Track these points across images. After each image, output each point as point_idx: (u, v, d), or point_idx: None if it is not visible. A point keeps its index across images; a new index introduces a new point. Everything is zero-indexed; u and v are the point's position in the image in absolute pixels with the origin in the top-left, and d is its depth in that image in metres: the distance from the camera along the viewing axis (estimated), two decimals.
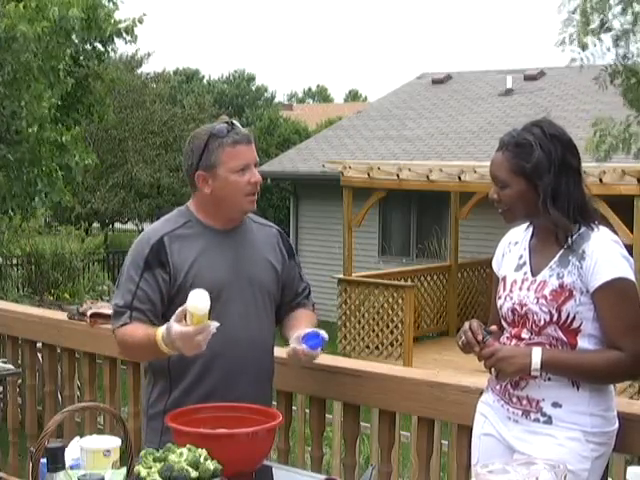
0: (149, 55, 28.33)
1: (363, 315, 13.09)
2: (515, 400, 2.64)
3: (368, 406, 3.51)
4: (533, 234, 2.72)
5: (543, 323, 2.57)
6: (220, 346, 2.72)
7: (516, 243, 2.76)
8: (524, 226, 2.76)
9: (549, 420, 2.58)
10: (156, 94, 25.76)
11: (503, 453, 2.63)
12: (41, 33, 10.56)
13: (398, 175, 12.97)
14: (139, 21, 12.50)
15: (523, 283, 2.65)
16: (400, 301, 12.65)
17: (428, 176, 12.71)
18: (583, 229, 2.59)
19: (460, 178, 12.34)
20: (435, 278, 14.46)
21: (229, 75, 48.25)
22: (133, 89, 24.12)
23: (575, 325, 2.55)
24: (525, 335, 2.62)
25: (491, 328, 2.70)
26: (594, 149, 9.29)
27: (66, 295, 13.92)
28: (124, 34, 12.53)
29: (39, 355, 4.85)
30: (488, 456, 2.62)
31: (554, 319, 2.56)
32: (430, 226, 16.41)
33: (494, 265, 2.83)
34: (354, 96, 56.67)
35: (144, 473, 2.12)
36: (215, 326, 2.50)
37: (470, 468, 2.89)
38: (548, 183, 2.56)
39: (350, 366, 3.32)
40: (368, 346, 13.09)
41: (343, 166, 13.65)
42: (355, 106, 37.88)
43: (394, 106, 20.18)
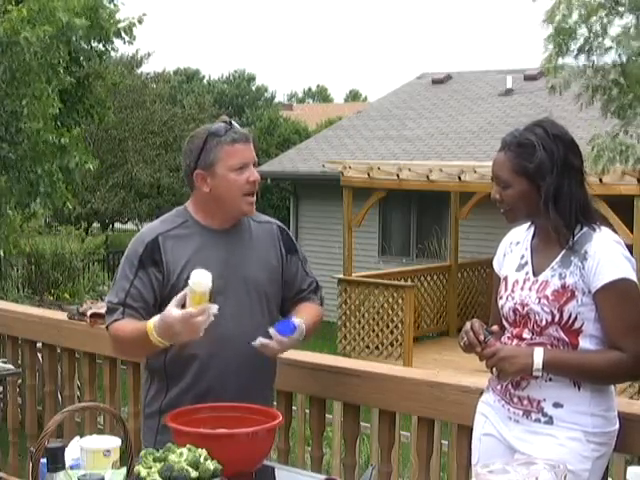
0: (149, 55, 28.35)
1: (363, 315, 13.09)
2: (516, 400, 2.63)
3: (368, 406, 3.51)
4: (535, 234, 2.71)
5: (545, 323, 2.57)
6: (215, 346, 2.74)
7: (517, 243, 2.76)
8: (525, 226, 2.76)
9: (550, 420, 2.57)
10: (156, 94, 25.80)
11: (504, 453, 2.62)
12: (42, 36, 10.53)
13: (398, 175, 12.98)
14: (139, 21, 12.50)
15: (525, 283, 2.64)
16: (400, 301, 12.64)
17: (428, 176, 12.72)
18: (585, 229, 2.58)
19: (460, 178, 12.35)
20: (435, 278, 14.45)
21: (229, 75, 48.27)
22: (133, 89, 24.13)
23: (577, 325, 2.55)
24: (526, 335, 2.62)
25: (492, 328, 2.70)
26: (592, 165, 9.33)
27: (66, 295, 13.92)
28: (123, 34, 12.53)
29: (39, 355, 4.84)
30: (489, 456, 2.62)
31: (556, 319, 2.55)
32: (430, 226, 16.40)
33: (495, 265, 2.83)
34: (354, 96, 56.67)
35: (144, 473, 2.12)
36: (216, 308, 2.51)
37: (470, 468, 2.89)
38: (550, 183, 2.55)
39: (350, 366, 3.32)
40: (368, 346, 13.08)
41: (343, 166, 13.65)
42: (355, 106, 37.87)
43: (394, 106, 20.17)
